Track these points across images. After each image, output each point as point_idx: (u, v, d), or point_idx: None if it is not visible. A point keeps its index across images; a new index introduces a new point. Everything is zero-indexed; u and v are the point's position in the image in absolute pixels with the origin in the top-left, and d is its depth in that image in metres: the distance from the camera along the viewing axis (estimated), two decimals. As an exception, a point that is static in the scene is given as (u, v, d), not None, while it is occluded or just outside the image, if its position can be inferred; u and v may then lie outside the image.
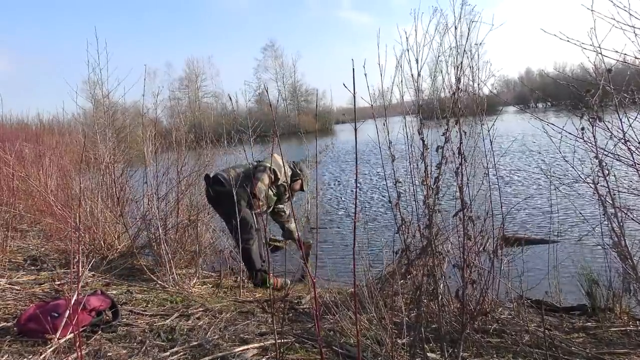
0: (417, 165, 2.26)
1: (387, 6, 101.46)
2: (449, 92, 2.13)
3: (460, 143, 1.94)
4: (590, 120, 2.20)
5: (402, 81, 2.31)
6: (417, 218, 2.24)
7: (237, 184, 3.41)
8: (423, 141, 2.07)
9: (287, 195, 3.78)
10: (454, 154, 1.99)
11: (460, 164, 1.93)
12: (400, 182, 2.20)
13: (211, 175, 3.67)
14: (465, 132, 2.00)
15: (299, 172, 3.92)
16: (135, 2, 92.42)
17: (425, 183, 2.05)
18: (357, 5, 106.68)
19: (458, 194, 1.97)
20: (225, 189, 3.46)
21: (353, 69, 1.24)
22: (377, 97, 2.32)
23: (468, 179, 2.03)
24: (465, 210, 1.96)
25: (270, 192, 3.65)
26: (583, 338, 2.24)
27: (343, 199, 8.62)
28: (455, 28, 2.23)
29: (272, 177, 3.61)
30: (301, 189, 4.04)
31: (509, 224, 5.27)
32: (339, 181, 10.68)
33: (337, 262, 4.40)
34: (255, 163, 3.70)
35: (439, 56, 2.33)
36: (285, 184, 3.73)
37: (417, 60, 2.22)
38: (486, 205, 2.24)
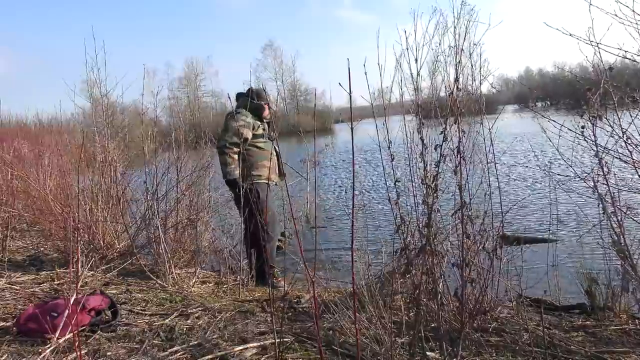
0: (417, 164, 2.25)
1: (388, 6, 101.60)
2: (447, 91, 2.13)
3: (459, 142, 1.94)
4: (591, 118, 2.20)
5: (401, 80, 2.31)
6: (416, 217, 2.24)
7: (242, 174, 3.40)
8: (422, 140, 2.07)
9: (264, 127, 3.66)
10: (452, 152, 1.99)
11: (459, 162, 1.93)
12: (399, 181, 2.20)
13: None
14: (464, 131, 2.00)
15: (257, 103, 3.68)
16: (135, 2, 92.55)
17: (424, 182, 2.05)
18: (357, 4, 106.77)
19: (457, 193, 1.97)
20: (234, 189, 3.48)
21: (349, 68, 1.24)
22: (377, 97, 2.32)
23: (467, 178, 2.03)
24: (465, 209, 1.96)
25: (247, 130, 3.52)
26: (582, 337, 2.24)
27: (343, 198, 8.62)
28: (455, 27, 2.22)
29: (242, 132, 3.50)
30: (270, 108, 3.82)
31: (509, 223, 5.27)
32: (340, 181, 10.68)
33: (336, 261, 4.39)
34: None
35: (438, 56, 2.33)
36: (255, 128, 3.60)
37: (416, 60, 2.21)
38: (485, 204, 2.24)
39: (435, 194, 1.96)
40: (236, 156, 3.49)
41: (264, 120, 3.72)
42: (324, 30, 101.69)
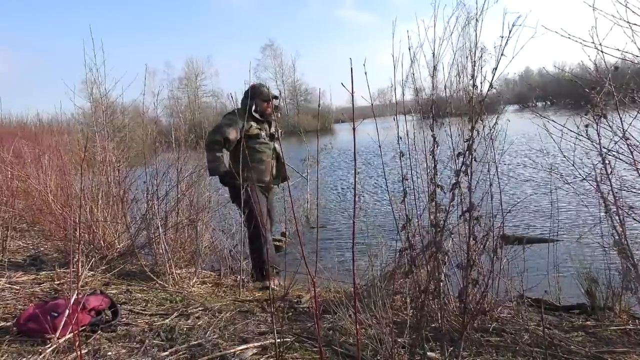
0: (420, 164, 2.24)
1: (388, 6, 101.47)
2: (451, 91, 2.11)
3: (472, 142, 1.91)
4: (595, 117, 2.20)
5: (405, 80, 2.29)
6: (418, 217, 2.22)
7: (237, 170, 3.37)
8: (434, 138, 2.04)
9: (266, 125, 3.65)
10: (464, 152, 1.95)
11: (470, 163, 1.90)
12: (407, 179, 2.17)
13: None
14: (478, 132, 1.96)
15: (246, 102, 3.61)
16: (135, 1, 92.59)
17: (433, 181, 2.02)
18: (358, 4, 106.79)
19: (459, 193, 1.96)
20: (226, 185, 3.54)
21: (351, 68, 1.24)
22: (378, 97, 2.30)
23: (477, 181, 2.01)
24: (472, 210, 1.93)
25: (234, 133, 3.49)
26: (582, 337, 2.24)
27: (343, 197, 8.62)
28: (477, 21, 2.17)
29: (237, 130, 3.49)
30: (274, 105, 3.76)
31: (509, 223, 5.27)
32: (342, 182, 10.67)
33: (337, 261, 4.39)
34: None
35: (455, 52, 2.29)
36: (254, 128, 3.58)
37: (433, 54, 2.20)
38: (486, 202, 2.23)
39: (452, 202, 1.92)
40: (219, 153, 3.53)
41: (265, 118, 3.68)
42: (324, 30, 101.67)
